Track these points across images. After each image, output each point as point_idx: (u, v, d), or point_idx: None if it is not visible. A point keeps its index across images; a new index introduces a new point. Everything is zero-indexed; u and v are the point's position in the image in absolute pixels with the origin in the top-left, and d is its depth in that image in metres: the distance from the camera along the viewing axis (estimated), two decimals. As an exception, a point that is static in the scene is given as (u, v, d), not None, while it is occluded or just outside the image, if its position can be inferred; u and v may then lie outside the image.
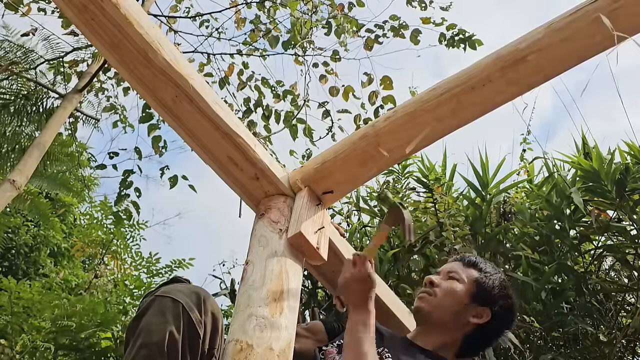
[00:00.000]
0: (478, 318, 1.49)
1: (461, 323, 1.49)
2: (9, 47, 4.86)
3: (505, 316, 1.53)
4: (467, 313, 1.49)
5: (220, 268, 9.88)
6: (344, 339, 1.35)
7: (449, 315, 1.49)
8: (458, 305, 1.50)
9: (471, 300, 1.50)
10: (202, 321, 1.20)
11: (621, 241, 2.75)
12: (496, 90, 1.34)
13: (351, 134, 1.61)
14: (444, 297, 1.52)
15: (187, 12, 5.10)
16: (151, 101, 1.42)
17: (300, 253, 1.44)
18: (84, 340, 3.77)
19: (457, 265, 1.61)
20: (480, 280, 1.54)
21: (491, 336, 1.55)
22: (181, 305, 1.17)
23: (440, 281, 1.56)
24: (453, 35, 4.54)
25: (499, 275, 1.57)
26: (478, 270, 1.57)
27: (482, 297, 1.51)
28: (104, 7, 1.26)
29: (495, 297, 1.51)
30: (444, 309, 1.50)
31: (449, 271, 1.58)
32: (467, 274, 1.56)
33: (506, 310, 1.53)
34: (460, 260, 1.63)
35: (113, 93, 5.16)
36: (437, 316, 1.50)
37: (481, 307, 1.50)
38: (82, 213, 10.75)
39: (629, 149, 2.85)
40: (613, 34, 1.13)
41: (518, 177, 3.44)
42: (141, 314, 1.18)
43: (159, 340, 1.12)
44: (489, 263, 1.62)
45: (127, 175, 4.29)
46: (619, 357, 2.57)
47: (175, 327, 1.14)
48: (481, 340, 1.54)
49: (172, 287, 1.22)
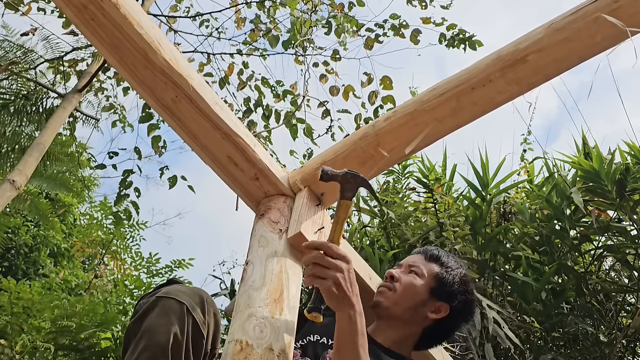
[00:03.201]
0: (436, 313, 1.49)
1: (419, 318, 1.49)
2: (8, 47, 4.86)
3: (463, 311, 1.53)
4: (425, 308, 1.49)
5: (220, 268, 9.90)
6: (334, 347, 1.24)
7: (407, 311, 1.49)
8: (417, 300, 1.49)
9: (430, 296, 1.49)
10: (205, 322, 1.19)
11: (621, 241, 2.75)
12: (496, 90, 1.34)
13: (351, 134, 1.61)
14: (403, 292, 1.51)
15: (187, 12, 5.10)
16: (151, 101, 1.42)
17: (300, 253, 1.44)
18: (84, 341, 3.77)
19: (419, 258, 1.59)
20: (440, 276, 1.53)
21: (449, 330, 1.56)
22: (185, 307, 1.16)
23: (401, 275, 1.54)
24: (453, 35, 4.54)
25: (460, 270, 1.56)
26: (439, 265, 1.55)
27: (442, 293, 1.50)
28: (103, 7, 1.26)
29: (454, 293, 1.51)
30: (402, 304, 1.49)
31: (410, 265, 1.56)
32: (427, 268, 1.55)
33: (465, 305, 1.53)
34: (423, 253, 1.61)
35: (112, 93, 5.17)
36: (395, 311, 1.50)
37: (440, 303, 1.49)
38: (82, 213, 10.77)
39: (629, 149, 2.85)
40: (624, 30, 1.13)
41: (518, 178, 3.45)
42: (143, 314, 1.16)
43: (163, 342, 1.10)
44: (452, 257, 1.61)
45: (127, 175, 4.29)
46: (619, 357, 2.57)
47: (179, 329, 1.13)
48: (439, 334, 1.55)
49: (174, 288, 1.21)
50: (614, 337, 2.56)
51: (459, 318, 1.53)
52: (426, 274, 1.53)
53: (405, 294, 1.50)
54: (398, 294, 1.50)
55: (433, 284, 1.51)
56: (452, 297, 1.50)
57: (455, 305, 1.50)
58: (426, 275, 1.53)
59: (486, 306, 2.35)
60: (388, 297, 1.51)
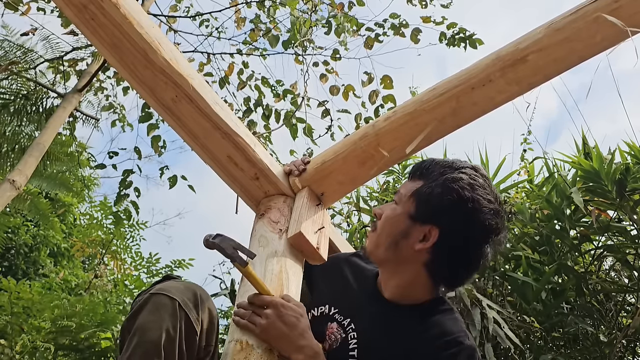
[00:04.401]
0: (425, 241, 1.18)
1: (409, 253, 1.20)
2: (8, 47, 4.85)
3: (463, 226, 1.17)
4: (410, 239, 1.20)
5: (220, 268, 9.87)
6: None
7: (390, 249, 1.23)
8: (396, 233, 1.22)
9: (412, 222, 1.20)
10: (198, 318, 1.18)
11: (621, 241, 2.74)
12: (496, 90, 1.34)
13: (351, 133, 1.61)
14: (382, 228, 1.26)
15: (187, 12, 5.10)
16: (151, 101, 1.42)
17: (300, 253, 1.44)
18: (84, 341, 3.77)
19: (405, 183, 1.30)
20: (418, 192, 1.22)
21: (463, 253, 1.19)
22: (177, 303, 1.15)
23: (384, 209, 1.29)
24: (453, 34, 4.53)
25: (448, 176, 1.19)
26: (422, 179, 1.24)
27: (423, 214, 1.19)
28: (103, 7, 1.26)
29: (442, 208, 1.17)
30: (383, 243, 1.24)
31: (395, 193, 1.31)
32: (407, 189, 1.26)
33: (461, 218, 1.16)
34: (410, 173, 1.32)
35: (112, 92, 5.17)
36: (380, 254, 1.25)
37: (426, 227, 1.18)
38: (82, 213, 10.78)
39: (629, 149, 2.84)
40: (625, 30, 1.13)
41: (518, 177, 3.44)
42: (136, 312, 1.16)
43: (155, 339, 1.10)
44: (445, 161, 1.25)
45: (127, 175, 4.29)
46: (619, 358, 2.57)
47: (172, 325, 1.12)
48: (451, 263, 1.20)
49: (167, 285, 1.21)
50: (614, 337, 2.56)
51: (461, 237, 1.17)
52: (404, 197, 1.25)
53: (384, 230, 1.25)
54: (378, 233, 1.27)
55: (412, 206, 1.22)
56: (437, 214, 1.18)
57: (447, 224, 1.17)
58: (404, 197, 1.25)
59: (486, 306, 2.35)
60: (371, 240, 1.29)
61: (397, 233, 1.22)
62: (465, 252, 1.20)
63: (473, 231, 1.18)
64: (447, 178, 1.19)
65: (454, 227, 1.18)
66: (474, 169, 1.23)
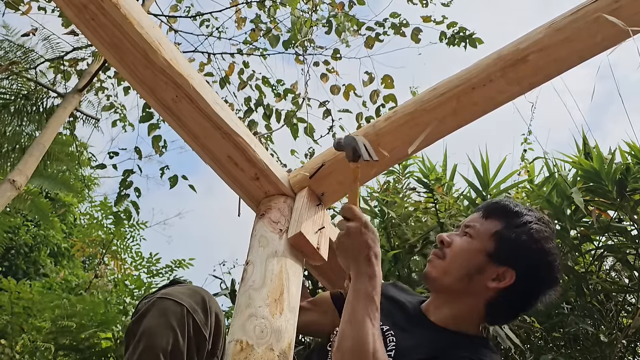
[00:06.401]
0: (499, 281, 1.22)
1: (478, 288, 1.24)
2: (9, 47, 4.86)
3: (538, 275, 1.23)
4: (484, 276, 1.23)
5: (221, 268, 9.86)
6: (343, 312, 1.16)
7: (460, 281, 1.25)
8: (471, 267, 1.24)
9: (489, 260, 1.24)
10: (207, 323, 1.17)
11: (622, 241, 2.74)
12: (497, 90, 1.34)
13: (352, 133, 1.61)
14: (454, 258, 1.27)
15: (187, 12, 5.10)
16: (151, 101, 1.42)
17: (301, 253, 1.44)
18: (84, 341, 3.77)
19: (476, 216, 1.32)
20: (500, 234, 1.25)
21: (523, 301, 1.26)
22: (185, 308, 1.13)
23: (454, 239, 1.30)
24: (454, 33, 4.53)
25: (532, 225, 1.24)
26: (501, 221, 1.27)
27: (504, 255, 1.23)
28: (103, 7, 1.26)
29: (522, 254, 1.22)
30: (453, 273, 1.26)
31: (465, 225, 1.31)
32: (485, 226, 1.28)
33: (540, 267, 1.23)
34: (482, 209, 1.33)
35: (113, 92, 5.17)
36: (446, 282, 1.26)
37: (503, 268, 1.22)
38: (82, 213, 10.79)
39: (629, 149, 2.84)
40: (625, 30, 1.13)
41: (519, 177, 3.44)
42: (141, 316, 1.14)
43: (163, 344, 1.08)
44: (523, 209, 1.29)
45: (127, 175, 4.29)
46: (619, 358, 2.57)
47: (180, 332, 1.10)
48: (512, 305, 1.27)
49: (174, 289, 1.19)
50: (614, 337, 2.56)
51: (533, 285, 1.23)
52: (483, 234, 1.27)
53: (456, 261, 1.27)
54: (448, 262, 1.28)
55: (491, 245, 1.25)
56: (519, 260, 1.22)
57: (525, 270, 1.22)
58: (483, 235, 1.27)
59: (486, 306, 2.34)
60: (436, 266, 1.29)
61: (472, 267, 1.25)
62: (528, 299, 1.26)
63: (544, 282, 1.26)
64: (532, 228, 1.24)
65: (529, 274, 1.23)
66: (549, 222, 1.31)
